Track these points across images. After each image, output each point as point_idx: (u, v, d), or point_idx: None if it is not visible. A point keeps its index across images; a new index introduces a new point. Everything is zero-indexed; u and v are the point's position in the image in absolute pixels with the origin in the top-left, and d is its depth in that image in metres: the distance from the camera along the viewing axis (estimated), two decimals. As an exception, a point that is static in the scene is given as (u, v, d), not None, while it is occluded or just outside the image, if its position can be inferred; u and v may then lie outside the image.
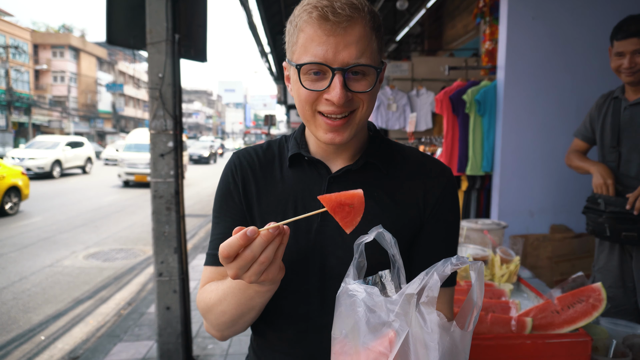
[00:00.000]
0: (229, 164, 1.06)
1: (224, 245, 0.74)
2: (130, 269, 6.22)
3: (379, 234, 0.74)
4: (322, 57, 0.84)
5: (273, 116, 23.19)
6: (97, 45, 44.50)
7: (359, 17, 0.85)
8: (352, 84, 0.87)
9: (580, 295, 1.58)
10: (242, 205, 1.01)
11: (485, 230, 2.49)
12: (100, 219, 9.70)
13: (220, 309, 0.92)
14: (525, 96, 3.33)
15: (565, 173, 3.36)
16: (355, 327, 0.70)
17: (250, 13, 8.23)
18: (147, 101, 3.22)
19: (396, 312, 0.67)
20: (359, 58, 0.85)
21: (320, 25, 0.84)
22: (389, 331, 0.68)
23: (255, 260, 0.75)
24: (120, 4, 3.24)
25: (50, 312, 4.67)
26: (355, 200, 0.76)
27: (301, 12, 0.87)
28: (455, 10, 7.80)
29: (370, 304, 0.70)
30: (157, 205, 3.29)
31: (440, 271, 0.67)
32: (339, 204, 0.76)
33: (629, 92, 2.24)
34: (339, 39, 0.84)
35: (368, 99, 0.90)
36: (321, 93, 0.87)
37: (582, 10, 3.23)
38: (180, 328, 3.36)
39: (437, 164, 1.04)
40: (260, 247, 0.75)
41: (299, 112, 0.93)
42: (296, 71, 0.88)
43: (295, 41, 0.89)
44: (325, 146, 0.98)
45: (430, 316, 0.66)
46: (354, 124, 0.91)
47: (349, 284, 0.73)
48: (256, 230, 0.74)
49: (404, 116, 6.11)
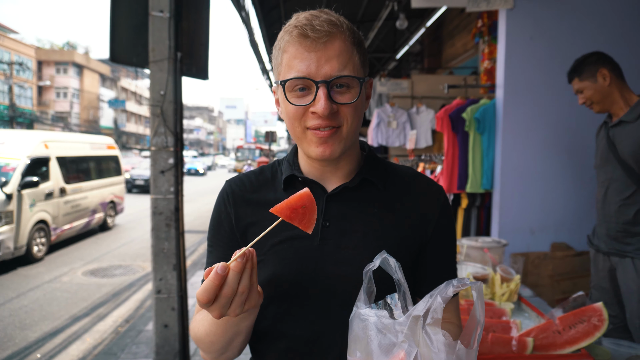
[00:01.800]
0: (221, 193, 1.07)
1: (201, 292, 0.73)
2: (129, 286, 6.18)
3: (383, 260, 0.78)
4: (305, 72, 0.87)
5: (274, 133, 23.32)
6: (100, 62, 45.01)
7: (338, 32, 0.88)
8: (336, 96, 0.89)
9: (582, 315, 1.57)
10: (235, 233, 1.01)
11: (486, 249, 2.47)
12: (99, 235, 9.67)
13: (209, 340, 0.93)
14: (524, 114, 3.35)
15: (566, 191, 3.36)
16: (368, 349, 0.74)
17: (252, 31, 8.33)
18: (149, 117, 3.25)
19: (405, 334, 0.72)
20: (341, 70, 0.87)
21: (300, 42, 0.87)
22: (399, 352, 0.71)
23: (235, 293, 0.75)
24: (124, 23, 3.29)
25: (47, 329, 4.63)
26: (305, 201, 0.77)
27: (283, 34, 0.91)
28: (455, 30, 7.91)
29: (381, 327, 0.74)
30: (156, 221, 3.29)
31: (443, 293, 0.71)
32: (291, 209, 0.77)
33: (613, 116, 2.36)
34: (320, 53, 0.87)
35: (352, 113, 0.91)
36: (307, 107, 0.89)
37: (579, 30, 3.27)
38: (178, 346, 3.32)
39: (431, 182, 1.05)
40: (235, 280, 0.74)
41: (290, 132, 0.95)
42: (282, 89, 0.90)
43: (280, 62, 0.92)
44: (319, 166, 0.99)
45: (437, 336, 0.70)
46: (341, 138, 0.92)
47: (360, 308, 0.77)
48: (226, 265, 0.74)
49: (404, 133, 6.15)
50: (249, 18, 7.24)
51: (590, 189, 3.31)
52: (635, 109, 2.20)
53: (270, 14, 7.70)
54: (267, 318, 0.99)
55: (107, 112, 47.32)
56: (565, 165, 3.35)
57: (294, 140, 0.97)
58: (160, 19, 3.19)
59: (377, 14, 6.75)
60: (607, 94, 2.27)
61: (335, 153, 0.92)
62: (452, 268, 1.04)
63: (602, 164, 2.37)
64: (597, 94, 2.29)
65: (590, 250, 2.52)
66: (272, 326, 0.98)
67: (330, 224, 0.96)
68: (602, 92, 2.28)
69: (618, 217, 2.24)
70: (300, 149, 1.00)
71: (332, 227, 0.96)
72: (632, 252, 2.20)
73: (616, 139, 2.27)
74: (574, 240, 3.35)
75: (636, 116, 2.18)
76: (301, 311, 0.96)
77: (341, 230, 0.96)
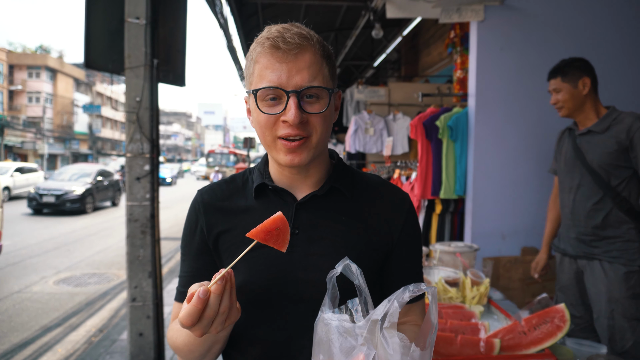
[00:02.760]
0: (193, 202, 1.09)
1: (185, 317, 0.75)
2: (103, 294, 6.05)
3: (345, 267, 0.81)
4: (276, 82, 0.90)
5: (252, 139, 23.20)
6: (74, 66, 44.04)
7: (309, 45, 0.92)
8: (306, 106, 0.92)
9: (546, 316, 1.64)
10: (206, 242, 1.04)
11: (458, 253, 2.54)
12: (73, 243, 9.44)
13: (187, 349, 0.96)
14: (495, 123, 3.46)
15: (536, 197, 3.47)
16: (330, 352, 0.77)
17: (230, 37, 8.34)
18: (124, 123, 3.22)
19: (364, 337, 0.75)
20: (311, 81, 0.91)
21: (272, 54, 0.91)
22: (359, 354, 0.74)
23: (216, 314, 0.78)
24: (99, 29, 3.27)
25: (16, 341, 4.49)
26: (279, 223, 0.83)
27: (255, 45, 0.95)
28: (431, 39, 8.08)
29: (342, 330, 0.77)
30: (131, 228, 3.26)
31: (399, 298, 0.75)
32: (266, 232, 0.82)
33: (579, 123, 2.45)
34: (291, 65, 0.90)
35: (321, 123, 0.94)
36: (278, 117, 0.92)
37: (546, 42, 3.41)
38: (154, 355, 3.29)
39: (397, 190, 1.09)
40: (216, 302, 0.77)
41: (261, 140, 0.98)
42: (254, 98, 0.93)
43: (252, 72, 0.95)
44: (288, 173, 1.02)
45: (392, 339, 0.73)
46: (310, 147, 0.95)
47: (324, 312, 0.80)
48: (207, 289, 0.76)
49: (381, 140, 6.24)
50: (227, 24, 7.25)
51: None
52: (604, 120, 2.30)
53: (248, 21, 7.72)
54: (239, 324, 1.01)
55: (82, 117, 46.27)
56: (535, 172, 3.47)
57: (264, 148, 1.00)
58: (136, 26, 3.18)
59: (355, 22, 6.85)
60: (581, 102, 2.35)
61: (304, 161, 0.95)
62: (417, 273, 1.08)
63: (568, 170, 2.45)
64: (572, 100, 2.35)
65: (556, 254, 2.62)
66: (244, 332, 1.01)
67: (299, 232, 0.99)
68: (577, 99, 2.35)
69: (587, 222, 2.32)
70: (271, 157, 1.03)
71: (301, 234, 0.99)
72: (600, 255, 2.29)
73: (584, 147, 2.35)
74: (543, 245, 3.46)
75: (605, 127, 2.28)
76: (271, 317, 0.98)
77: (309, 238, 0.99)
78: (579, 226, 2.37)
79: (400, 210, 1.05)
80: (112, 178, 17.16)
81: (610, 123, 2.28)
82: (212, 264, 1.04)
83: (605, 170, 2.26)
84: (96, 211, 15.35)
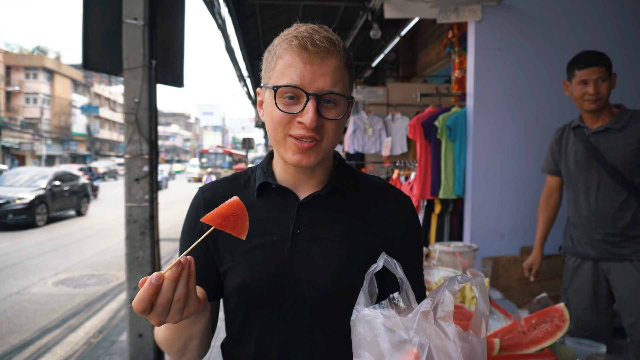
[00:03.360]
0: (193, 200, 1.09)
1: (136, 301, 0.74)
2: (102, 296, 6.04)
3: (386, 260, 0.82)
4: (298, 82, 0.90)
5: (251, 139, 23.19)
6: (72, 67, 43.96)
7: (335, 51, 0.92)
8: (323, 110, 0.92)
9: (545, 315, 1.64)
10: (206, 240, 1.03)
11: (457, 253, 2.54)
12: (72, 244, 9.42)
13: (166, 343, 0.97)
14: (494, 123, 3.47)
15: (534, 197, 3.48)
16: (378, 348, 0.76)
17: (228, 38, 8.33)
18: (123, 124, 3.22)
19: (415, 329, 0.74)
20: (333, 87, 0.91)
21: (299, 53, 0.90)
22: (411, 348, 0.74)
23: (171, 302, 0.76)
24: (97, 30, 3.26)
25: (15, 343, 4.48)
26: (235, 208, 0.80)
27: (281, 41, 0.94)
28: (429, 39, 8.09)
29: (389, 325, 0.76)
30: (130, 229, 3.25)
31: (450, 288, 0.75)
32: (222, 218, 0.79)
33: (588, 121, 2.37)
34: (316, 67, 0.90)
35: (335, 129, 0.95)
36: (294, 116, 0.92)
37: (542, 43, 3.41)
38: (153, 356, 3.28)
39: (398, 192, 1.09)
40: (170, 288, 0.76)
41: (270, 135, 0.97)
42: (272, 93, 0.93)
43: (273, 67, 0.94)
44: (293, 172, 1.02)
45: (449, 328, 0.73)
46: (320, 151, 0.95)
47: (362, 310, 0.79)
48: (160, 274, 0.75)
49: (380, 140, 6.24)
50: (225, 25, 7.24)
51: (556, 195, 3.44)
52: (621, 118, 2.26)
53: (247, 22, 7.72)
54: (238, 323, 1.01)
55: (80, 118, 46.20)
56: (533, 172, 3.47)
57: (271, 144, 0.99)
58: (134, 27, 3.17)
59: (353, 22, 6.85)
60: (608, 97, 2.28)
61: (312, 163, 0.95)
62: (419, 275, 1.08)
63: (581, 170, 2.36)
64: (608, 94, 2.27)
65: (570, 258, 2.50)
66: (243, 331, 1.01)
67: (301, 232, 0.99)
68: (608, 94, 2.27)
69: (615, 222, 2.25)
70: (277, 154, 1.02)
71: (303, 234, 0.99)
72: (631, 255, 2.23)
73: (601, 146, 2.28)
74: (542, 244, 3.46)
75: (623, 125, 2.23)
76: (271, 316, 0.98)
77: (311, 238, 0.99)
78: (606, 227, 2.29)
79: (402, 213, 1.05)
80: (77, 182, 14.14)
81: (627, 121, 2.23)
82: (211, 265, 1.04)
83: (629, 168, 2.20)
84: (52, 223, 12.37)
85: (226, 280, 1.02)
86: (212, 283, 1.04)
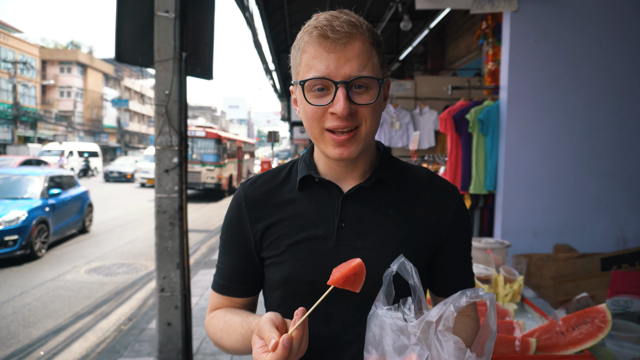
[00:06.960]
0: (235, 197, 1.07)
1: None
2: (132, 284, 6.20)
3: (400, 265, 0.80)
4: (324, 72, 0.87)
5: (277, 133, 23.29)
6: (104, 61, 45.15)
7: (358, 33, 0.88)
8: (355, 97, 0.89)
9: (586, 316, 1.57)
10: (249, 237, 1.02)
11: (489, 250, 2.48)
12: (102, 234, 9.70)
13: (234, 351, 1.01)
14: (528, 116, 3.35)
15: (569, 193, 3.36)
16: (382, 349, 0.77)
17: (255, 32, 8.36)
18: (151, 117, 3.26)
19: (418, 337, 0.75)
20: (360, 71, 0.87)
21: (320, 43, 0.87)
22: (411, 354, 0.75)
23: (296, 355, 0.80)
24: (129, 23, 3.31)
25: (50, 327, 4.65)
26: (357, 270, 0.83)
27: (302, 34, 0.91)
28: (458, 31, 7.91)
29: (395, 328, 0.77)
30: (160, 220, 3.31)
31: (456, 302, 0.74)
32: (345, 280, 0.83)
33: None
34: (340, 54, 0.87)
35: (371, 113, 0.91)
36: (326, 108, 0.89)
37: (582, 32, 3.27)
38: (181, 345, 3.34)
39: (445, 183, 1.05)
40: (297, 346, 0.79)
41: (308, 132, 0.95)
42: (301, 89, 0.91)
43: (299, 62, 0.92)
44: (336, 166, 0.99)
45: (447, 343, 0.73)
46: (359, 139, 0.92)
47: (379, 308, 0.80)
48: (290, 337, 0.78)
49: (407, 134, 6.15)
50: (252, 18, 7.26)
51: (593, 191, 3.32)
52: None
53: (274, 15, 7.72)
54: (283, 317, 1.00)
55: (111, 111, 47.45)
56: (569, 167, 3.35)
57: (311, 140, 0.97)
58: (165, 19, 3.20)
59: (381, 14, 6.76)
60: None
61: (353, 154, 0.92)
62: (468, 269, 1.06)
63: None
64: None
65: None
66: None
67: (346, 225, 0.97)
68: None
69: None
70: (318, 149, 1.00)
71: (348, 228, 0.97)
72: None
73: None
74: (577, 242, 3.35)
75: None
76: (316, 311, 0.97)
77: (356, 232, 0.96)
78: None
79: (449, 205, 1.01)
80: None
81: None
82: (252, 263, 1.04)
83: None
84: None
85: (269, 273, 1.01)
86: (255, 280, 1.05)
